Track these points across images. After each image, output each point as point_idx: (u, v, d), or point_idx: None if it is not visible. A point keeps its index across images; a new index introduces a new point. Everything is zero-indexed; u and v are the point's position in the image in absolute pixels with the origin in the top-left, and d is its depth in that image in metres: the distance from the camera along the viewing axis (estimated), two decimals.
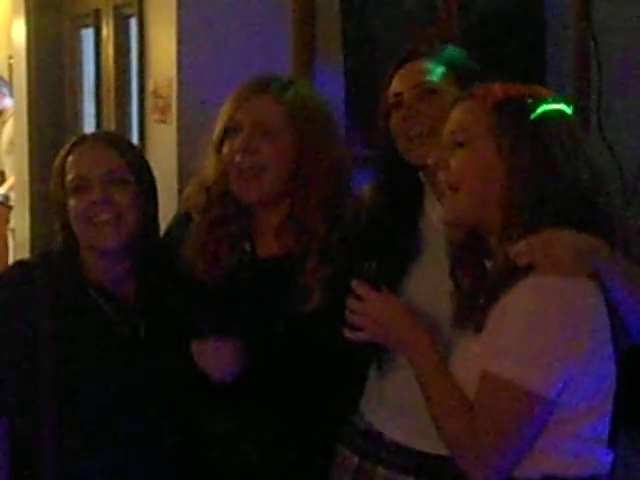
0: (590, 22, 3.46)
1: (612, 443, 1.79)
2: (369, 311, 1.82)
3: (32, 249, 5.24)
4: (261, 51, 3.54)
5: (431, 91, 2.09)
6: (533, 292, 1.67)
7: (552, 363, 1.64)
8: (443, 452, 1.88)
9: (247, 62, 3.66)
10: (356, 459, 2.11)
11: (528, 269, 1.68)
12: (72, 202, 2.11)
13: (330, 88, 3.25)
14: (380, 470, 2.08)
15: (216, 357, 2.07)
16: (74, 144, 2.17)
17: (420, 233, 2.10)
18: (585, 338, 1.66)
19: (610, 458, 1.76)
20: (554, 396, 1.65)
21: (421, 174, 2.14)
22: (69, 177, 2.12)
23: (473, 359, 1.72)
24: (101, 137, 2.26)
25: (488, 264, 1.83)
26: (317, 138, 2.15)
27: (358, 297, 1.83)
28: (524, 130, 1.75)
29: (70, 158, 2.14)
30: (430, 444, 1.97)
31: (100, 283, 2.13)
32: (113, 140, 2.22)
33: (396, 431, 2.06)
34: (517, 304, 1.67)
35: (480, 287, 1.79)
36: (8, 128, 6.73)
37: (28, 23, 5.33)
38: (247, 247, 2.17)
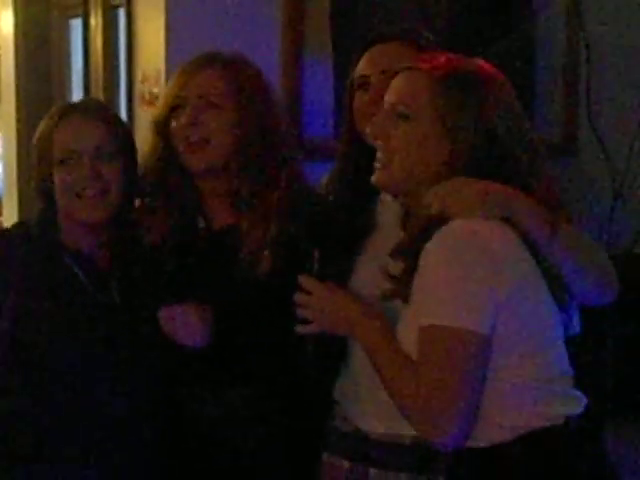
0: (580, 13, 3.46)
1: (599, 434, 1.80)
2: (315, 303, 1.86)
3: None
4: (250, 43, 3.52)
5: None
6: (446, 237, 1.69)
7: (477, 298, 1.66)
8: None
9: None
10: (346, 463, 2.11)
11: (440, 222, 1.70)
12: (59, 175, 2.12)
13: (319, 81, 3.25)
14: (372, 471, 2.07)
15: (184, 322, 2.09)
16: (62, 114, 2.16)
17: (375, 212, 2.12)
18: (504, 270, 1.68)
19: (580, 396, 1.77)
20: (488, 332, 1.66)
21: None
22: (57, 149, 2.13)
23: (409, 322, 1.75)
24: (89, 109, 2.24)
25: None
26: (259, 108, 2.20)
27: (305, 291, 1.87)
28: (468, 105, 1.77)
29: (58, 129, 2.14)
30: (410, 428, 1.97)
31: (76, 250, 2.15)
32: (102, 113, 2.23)
33: (378, 423, 2.06)
34: (433, 253, 1.69)
35: (397, 253, 1.81)
36: None
37: (16, 13, 5.30)
38: (201, 222, 2.21)
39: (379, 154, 1.86)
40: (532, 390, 1.71)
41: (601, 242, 3.60)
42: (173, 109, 2.21)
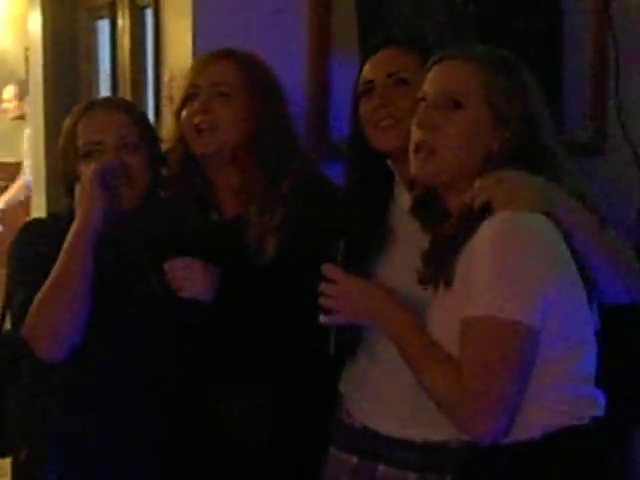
0: (608, 11, 3.44)
1: (624, 437, 1.79)
2: (341, 292, 1.83)
3: None
4: (276, 40, 3.52)
5: (403, 81, 2.10)
6: (495, 229, 1.68)
7: (531, 291, 1.64)
8: (439, 437, 1.88)
9: (262, 52, 3.65)
10: (355, 459, 2.10)
11: (485, 212, 1.69)
12: (83, 167, 2.13)
13: (347, 81, 3.24)
14: (381, 468, 2.06)
15: (188, 273, 2.12)
16: (85, 109, 2.18)
17: (390, 220, 2.12)
18: (554, 265, 1.68)
19: (602, 398, 1.75)
20: (538, 325, 1.64)
21: (389, 162, 2.16)
22: (81, 141, 2.15)
23: (449, 313, 1.73)
24: (112, 102, 2.29)
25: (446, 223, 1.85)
26: (268, 100, 2.27)
27: (329, 280, 1.85)
28: (515, 91, 1.79)
29: (82, 123, 2.16)
30: (424, 430, 1.96)
31: (109, 242, 2.18)
32: (124, 105, 2.27)
33: (390, 423, 2.05)
34: (482, 244, 1.68)
35: (440, 242, 1.80)
36: None
37: (44, 15, 5.33)
38: (214, 215, 2.23)
39: (419, 144, 1.82)
40: (568, 388, 1.69)
41: (629, 243, 3.56)
42: (187, 98, 2.24)
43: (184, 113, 2.26)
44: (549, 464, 1.67)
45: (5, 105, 7.53)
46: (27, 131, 6.78)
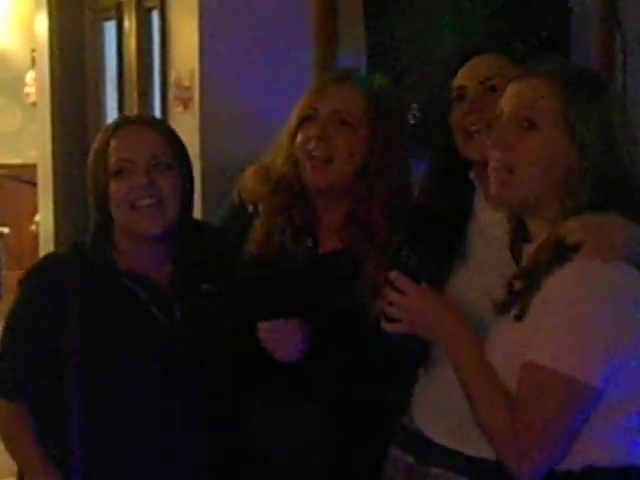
0: (616, 12, 3.43)
1: None
2: (407, 303, 1.78)
3: (57, 244, 5.25)
4: (283, 41, 3.53)
5: (495, 88, 2.05)
6: (579, 277, 1.62)
7: (600, 351, 1.59)
8: (485, 455, 1.86)
9: (269, 52, 3.65)
10: (411, 459, 2.09)
11: (573, 250, 1.63)
12: (114, 185, 2.06)
13: None
14: (434, 470, 2.05)
15: (284, 335, 2.05)
16: (117, 126, 2.13)
17: (468, 234, 2.07)
18: (632, 326, 1.61)
19: None
20: (601, 385, 1.60)
21: (472, 173, 2.11)
22: (113, 159, 2.07)
23: (514, 347, 1.68)
24: (145, 120, 2.20)
25: (525, 248, 1.80)
26: (390, 135, 2.15)
27: (396, 289, 1.79)
28: (595, 110, 1.69)
29: (114, 141, 2.09)
30: (472, 447, 1.94)
31: (132, 270, 2.10)
32: (156, 124, 2.19)
33: (440, 434, 2.03)
34: (562, 289, 1.62)
35: (521, 272, 1.74)
36: None
37: (50, 16, 5.34)
38: (309, 242, 2.16)
39: (497, 166, 1.75)
40: (620, 436, 1.67)
41: None
42: (303, 120, 2.16)
43: (299, 137, 2.14)
44: None
45: (27, 89, 7.46)
46: None
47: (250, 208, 2.23)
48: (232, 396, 2.15)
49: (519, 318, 1.67)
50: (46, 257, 2.29)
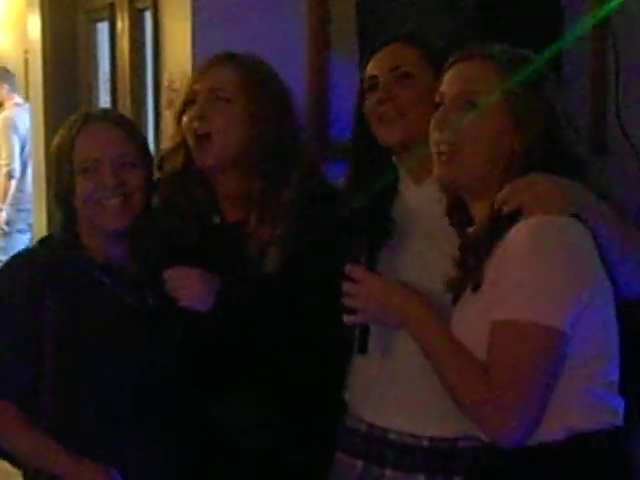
0: (608, 17, 3.43)
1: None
2: (366, 292, 1.81)
3: None
4: (276, 43, 3.52)
5: (406, 75, 2.10)
6: (528, 232, 1.65)
7: (560, 295, 1.62)
8: (454, 434, 1.88)
9: (262, 55, 3.65)
10: (360, 463, 2.09)
11: (515, 216, 1.67)
12: (81, 183, 2.10)
13: (346, 83, 3.24)
14: (388, 472, 2.05)
15: (186, 282, 2.08)
16: (83, 122, 2.14)
17: (396, 215, 2.10)
18: (588, 269, 1.65)
19: (622, 407, 1.73)
20: (567, 330, 1.62)
21: (394, 157, 2.16)
22: (79, 157, 2.10)
23: (476, 317, 1.70)
24: (110, 118, 2.23)
25: (470, 231, 1.82)
26: (270, 107, 2.19)
27: (352, 280, 1.82)
28: (535, 92, 1.74)
29: (80, 138, 2.12)
30: (440, 427, 1.96)
31: (101, 262, 2.13)
32: (122, 122, 2.22)
33: (403, 422, 2.04)
34: (514, 247, 1.65)
35: (467, 246, 1.77)
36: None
37: (43, 17, 5.34)
38: (216, 219, 2.21)
39: (442, 147, 1.79)
40: (594, 393, 1.67)
41: None
42: (187, 103, 2.21)
43: (185, 118, 2.21)
44: (572, 466, 1.65)
45: None
46: None
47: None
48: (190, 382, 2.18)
49: (476, 288, 1.70)
50: (16, 254, 2.29)
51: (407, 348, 1.88)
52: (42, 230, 5.39)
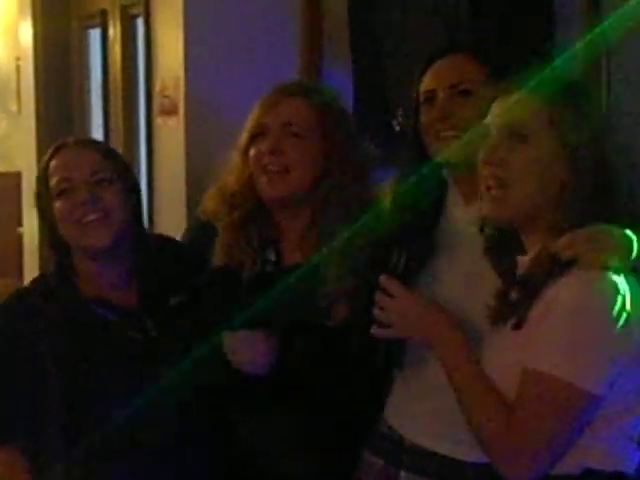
0: (599, 12, 3.45)
1: None
2: (398, 307, 1.77)
3: (41, 253, 5.23)
4: (268, 50, 3.54)
5: (466, 92, 2.04)
6: (578, 287, 1.62)
7: (600, 359, 1.59)
8: (467, 458, 1.86)
9: (254, 61, 3.65)
10: (381, 462, 2.09)
11: (570, 263, 1.63)
12: (58, 205, 2.09)
13: (338, 88, 3.25)
14: (402, 474, 2.05)
15: (248, 348, 2.04)
16: (56, 149, 2.16)
17: (441, 232, 2.07)
18: (634, 333, 1.62)
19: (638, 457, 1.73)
20: (602, 393, 1.60)
21: (445, 172, 2.11)
22: (54, 181, 2.10)
23: (511, 355, 1.67)
24: (82, 141, 2.24)
25: (520, 260, 1.79)
26: (344, 141, 2.15)
27: (386, 293, 1.77)
28: (585, 122, 1.69)
29: (53, 162, 2.13)
30: (454, 449, 1.94)
31: (99, 296, 2.11)
32: (94, 143, 2.23)
33: (418, 435, 2.03)
34: (562, 299, 1.62)
35: (515, 282, 1.73)
36: None
37: (35, 24, 5.34)
38: (272, 256, 2.17)
39: (489, 182, 1.74)
40: (617, 443, 1.66)
41: None
42: (254, 137, 2.15)
43: (252, 152, 2.14)
44: None
45: None
46: None
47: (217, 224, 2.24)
48: (213, 409, 2.15)
49: (518, 327, 1.67)
50: (12, 294, 2.28)
51: (437, 371, 1.84)
52: (33, 239, 5.38)
